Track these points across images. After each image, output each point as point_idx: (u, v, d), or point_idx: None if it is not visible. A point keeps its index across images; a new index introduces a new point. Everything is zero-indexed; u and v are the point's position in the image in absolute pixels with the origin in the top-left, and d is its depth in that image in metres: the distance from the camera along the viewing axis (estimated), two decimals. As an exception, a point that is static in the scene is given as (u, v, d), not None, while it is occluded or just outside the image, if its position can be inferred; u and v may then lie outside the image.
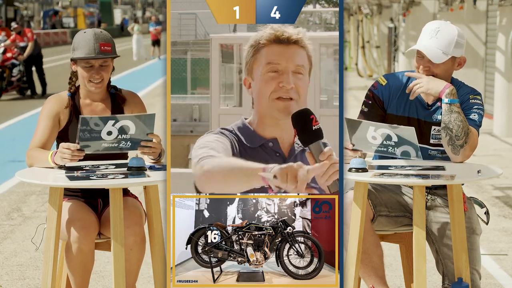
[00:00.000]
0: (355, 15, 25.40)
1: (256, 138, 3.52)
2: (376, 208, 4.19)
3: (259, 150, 3.52)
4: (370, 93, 4.31)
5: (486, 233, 6.58)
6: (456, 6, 15.77)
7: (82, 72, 4.21)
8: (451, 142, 4.11)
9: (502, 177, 8.84)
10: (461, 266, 4.00)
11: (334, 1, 3.57)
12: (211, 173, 3.42)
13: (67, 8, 72.76)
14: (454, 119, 4.07)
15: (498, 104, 12.82)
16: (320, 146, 3.45)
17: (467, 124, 4.10)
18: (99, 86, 4.23)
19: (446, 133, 4.10)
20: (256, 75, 3.50)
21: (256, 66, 3.49)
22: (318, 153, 3.44)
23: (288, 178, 3.40)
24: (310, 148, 3.46)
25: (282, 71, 3.47)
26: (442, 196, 4.25)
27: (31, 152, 4.14)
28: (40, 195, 8.18)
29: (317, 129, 3.45)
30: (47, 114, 4.23)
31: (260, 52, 3.49)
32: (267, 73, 3.48)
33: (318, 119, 3.45)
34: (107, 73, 4.24)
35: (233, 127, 3.54)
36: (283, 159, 3.52)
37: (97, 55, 4.17)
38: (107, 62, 4.24)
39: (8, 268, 5.83)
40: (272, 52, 3.48)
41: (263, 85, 3.48)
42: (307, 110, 3.46)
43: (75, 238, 3.99)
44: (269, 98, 3.48)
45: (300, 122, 3.45)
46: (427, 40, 4.17)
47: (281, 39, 3.47)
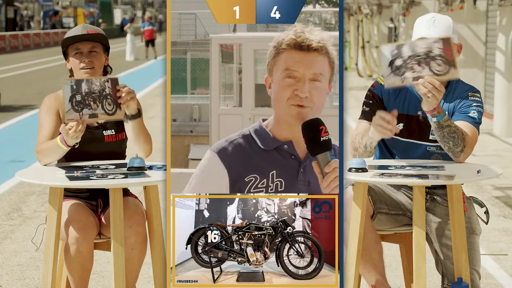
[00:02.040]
0: (355, 15, 25.40)
1: (271, 141, 3.52)
2: (376, 204, 4.19)
3: (273, 153, 3.52)
4: (370, 93, 4.32)
5: (486, 233, 6.58)
6: (456, 6, 15.78)
7: (73, 61, 4.23)
8: (450, 150, 4.12)
9: (502, 177, 8.84)
10: (461, 266, 4.00)
11: (334, 1, 3.57)
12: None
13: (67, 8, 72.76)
14: (447, 133, 4.06)
15: (498, 104, 12.82)
16: (327, 157, 3.47)
17: (460, 130, 4.08)
18: (90, 72, 4.21)
19: (443, 145, 4.11)
20: (275, 78, 3.49)
21: (275, 69, 3.49)
22: (324, 164, 3.47)
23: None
24: (317, 158, 3.47)
25: (299, 78, 3.47)
26: (442, 196, 4.25)
27: (39, 147, 4.13)
28: (40, 195, 8.18)
29: (325, 141, 3.46)
30: (47, 110, 4.23)
31: (280, 55, 3.48)
32: (284, 78, 3.47)
33: (327, 131, 3.46)
34: (98, 60, 4.23)
35: (250, 130, 3.54)
36: (298, 162, 3.52)
37: (82, 34, 4.18)
38: (97, 49, 4.24)
39: (8, 268, 5.83)
40: (291, 59, 3.47)
41: (280, 90, 3.49)
42: (317, 121, 3.46)
43: (73, 239, 3.99)
44: (285, 103, 3.49)
45: (309, 132, 3.46)
46: (427, 30, 4.15)
47: (302, 45, 3.46)
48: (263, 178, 3.50)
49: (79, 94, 3.92)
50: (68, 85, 3.90)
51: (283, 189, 3.50)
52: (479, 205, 4.34)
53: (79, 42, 4.23)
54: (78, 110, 3.92)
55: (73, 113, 3.92)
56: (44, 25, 63.04)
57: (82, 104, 3.93)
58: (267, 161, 3.50)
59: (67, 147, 4.05)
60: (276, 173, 3.51)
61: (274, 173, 3.51)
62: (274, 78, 3.49)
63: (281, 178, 3.51)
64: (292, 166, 3.51)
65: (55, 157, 4.12)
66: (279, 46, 3.47)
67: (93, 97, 3.95)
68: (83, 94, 3.93)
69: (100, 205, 4.26)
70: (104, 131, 4.26)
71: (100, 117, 3.99)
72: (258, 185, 3.51)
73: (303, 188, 3.52)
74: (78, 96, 3.92)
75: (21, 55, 37.10)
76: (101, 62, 4.26)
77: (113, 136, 4.28)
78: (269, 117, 3.54)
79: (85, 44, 4.23)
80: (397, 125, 4.26)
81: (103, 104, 3.98)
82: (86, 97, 3.94)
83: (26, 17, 62.80)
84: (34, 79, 23.42)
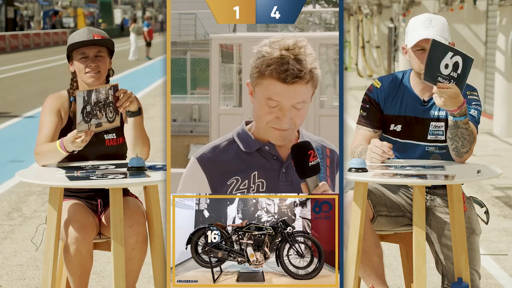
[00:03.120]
0: (355, 15, 25.39)
1: (253, 143, 3.52)
2: (375, 208, 4.19)
3: (255, 155, 3.52)
4: (367, 97, 4.32)
5: (486, 233, 6.58)
6: (456, 6, 15.77)
7: (78, 65, 4.22)
8: (456, 150, 4.12)
9: (502, 177, 8.84)
10: (461, 266, 4.00)
11: (334, 1, 3.57)
12: None
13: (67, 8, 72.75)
14: (460, 133, 4.06)
15: (498, 104, 12.81)
16: (315, 180, 3.49)
17: (473, 135, 4.09)
18: (96, 77, 4.21)
19: (451, 143, 4.11)
20: (257, 96, 3.46)
21: (258, 88, 3.45)
22: (313, 187, 3.50)
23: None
24: (306, 181, 3.48)
25: (281, 106, 3.43)
26: (442, 196, 4.26)
27: (38, 148, 4.13)
28: (40, 195, 8.18)
29: (313, 165, 3.47)
30: (49, 110, 4.23)
31: (263, 80, 3.42)
32: (266, 105, 3.44)
33: (316, 155, 3.46)
34: (103, 64, 4.23)
35: (233, 133, 3.53)
36: (280, 162, 3.52)
37: (89, 39, 4.19)
38: (102, 53, 4.24)
39: (8, 268, 5.83)
40: (273, 90, 3.41)
41: (261, 113, 3.46)
42: (306, 145, 3.46)
43: (73, 239, 3.99)
44: (265, 125, 3.47)
45: (298, 156, 3.47)
46: (424, 30, 4.15)
47: (285, 79, 3.39)
48: (244, 179, 3.51)
49: (89, 105, 3.95)
50: (81, 96, 3.92)
51: (265, 189, 3.51)
52: (479, 205, 4.34)
53: (85, 47, 4.22)
54: (88, 121, 3.96)
55: (83, 125, 3.95)
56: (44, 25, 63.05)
57: (90, 115, 3.97)
58: (249, 163, 3.50)
59: (66, 152, 4.05)
60: (258, 174, 3.51)
61: (255, 174, 3.52)
62: (256, 95, 3.46)
63: (263, 179, 3.51)
64: (274, 167, 3.52)
65: (53, 160, 4.12)
66: (262, 67, 3.41)
67: (99, 106, 3.99)
68: (92, 104, 3.96)
69: (100, 205, 4.26)
70: (105, 135, 4.27)
71: (103, 125, 4.04)
72: (240, 186, 3.51)
73: (285, 188, 3.52)
74: (88, 107, 3.96)
75: (21, 55, 37.11)
76: (106, 66, 4.27)
77: (114, 140, 4.29)
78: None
79: (91, 48, 4.22)
80: (395, 126, 4.27)
81: (107, 112, 4.02)
82: (94, 107, 3.97)
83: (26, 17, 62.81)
84: (34, 79, 23.40)
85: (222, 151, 3.51)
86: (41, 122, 4.23)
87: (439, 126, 4.22)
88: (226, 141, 3.53)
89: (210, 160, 3.50)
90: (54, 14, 64.72)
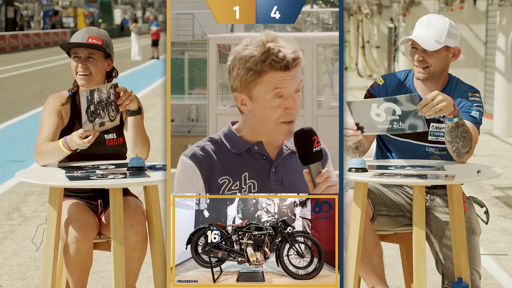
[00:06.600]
0: (355, 15, 25.39)
1: (241, 144, 3.52)
2: (375, 207, 4.20)
3: (244, 155, 3.52)
4: (368, 93, 4.33)
5: (486, 233, 6.58)
6: (456, 6, 15.77)
7: (72, 64, 4.26)
8: (457, 151, 4.12)
9: (502, 177, 8.85)
10: (461, 266, 4.01)
11: (331, 1, 3.58)
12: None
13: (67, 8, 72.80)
14: (460, 133, 4.06)
15: (498, 104, 12.82)
16: (318, 167, 3.48)
17: (470, 132, 4.09)
18: (85, 79, 4.22)
19: (452, 145, 4.11)
20: (258, 98, 3.47)
21: (258, 90, 3.46)
22: (316, 174, 3.49)
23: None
24: (308, 167, 3.48)
25: (287, 95, 3.46)
26: (442, 196, 4.26)
27: (39, 148, 4.14)
28: (40, 195, 8.18)
29: (317, 151, 3.46)
30: (50, 110, 4.24)
31: (263, 75, 3.45)
32: (274, 99, 3.46)
33: (319, 141, 3.46)
34: (94, 66, 4.23)
35: (220, 134, 3.54)
36: (270, 162, 3.53)
37: (78, 42, 4.19)
38: (94, 55, 4.24)
39: (8, 268, 5.83)
40: (277, 79, 3.45)
41: (270, 111, 3.47)
42: (310, 131, 3.47)
43: (73, 238, 3.99)
44: (274, 122, 3.49)
45: (302, 142, 3.47)
46: (419, 31, 4.20)
47: (286, 66, 3.44)
48: (236, 180, 3.51)
49: (92, 105, 3.95)
50: (84, 96, 3.92)
51: (256, 190, 3.52)
52: (479, 205, 4.34)
53: (78, 48, 4.24)
54: (92, 120, 3.95)
55: (88, 124, 3.94)
56: (44, 25, 63.07)
57: (94, 114, 3.97)
58: (239, 164, 3.51)
59: (69, 151, 4.06)
60: (249, 174, 3.52)
61: (246, 175, 3.52)
62: (258, 98, 3.46)
63: (254, 180, 3.52)
64: (264, 167, 3.52)
65: (55, 159, 4.13)
66: (257, 66, 3.44)
67: (102, 105, 4.00)
68: (95, 104, 3.96)
69: (101, 205, 4.26)
70: (106, 135, 4.27)
71: (106, 124, 4.03)
72: (232, 187, 3.52)
73: (276, 188, 3.53)
74: (92, 107, 3.96)
75: (21, 55, 37.12)
76: (99, 68, 4.25)
77: (114, 140, 4.30)
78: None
79: (83, 50, 4.23)
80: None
81: (109, 112, 4.02)
82: (97, 106, 3.97)
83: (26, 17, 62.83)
84: (34, 79, 23.43)
85: (210, 151, 3.51)
86: (42, 122, 4.23)
87: (440, 128, 4.21)
88: (212, 141, 3.53)
89: (202, 157, 3.50)
90: (54, 14, 64.75)
